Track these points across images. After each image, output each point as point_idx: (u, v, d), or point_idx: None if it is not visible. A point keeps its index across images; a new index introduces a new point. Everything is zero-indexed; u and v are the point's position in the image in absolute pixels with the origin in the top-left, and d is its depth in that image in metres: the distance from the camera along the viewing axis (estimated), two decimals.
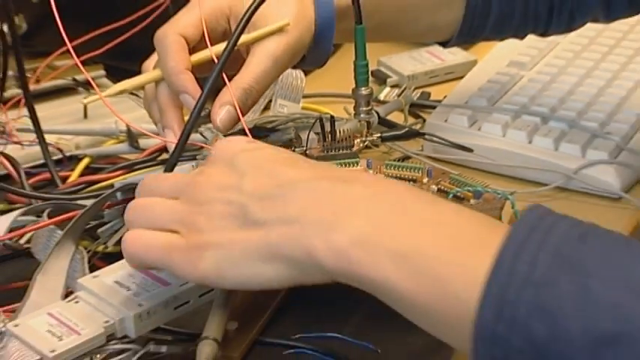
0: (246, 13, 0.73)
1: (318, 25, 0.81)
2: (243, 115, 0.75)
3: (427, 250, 0.50)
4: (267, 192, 0.55)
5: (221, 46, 0.74)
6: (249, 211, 0.55)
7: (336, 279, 0.53)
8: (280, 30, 0.76)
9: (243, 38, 0.73)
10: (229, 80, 0.75)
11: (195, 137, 0.80)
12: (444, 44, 0.98)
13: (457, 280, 0.48)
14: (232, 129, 0.79)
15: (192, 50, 0.76)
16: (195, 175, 0.62)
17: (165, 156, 0.88)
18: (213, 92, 0.74)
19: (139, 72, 0.81)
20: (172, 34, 0.76)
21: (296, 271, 0.53)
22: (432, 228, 0.52)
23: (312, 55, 0.83)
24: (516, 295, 0.43)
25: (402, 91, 1.03)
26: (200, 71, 0.75)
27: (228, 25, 0.78)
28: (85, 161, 0.86)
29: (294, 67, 0.85)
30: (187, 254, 0.56)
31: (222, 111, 0.73)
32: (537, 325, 0.43)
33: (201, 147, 0.81)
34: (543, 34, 0.98)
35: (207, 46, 0.77)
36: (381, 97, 1.02)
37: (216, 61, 0.74)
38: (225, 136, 0.78)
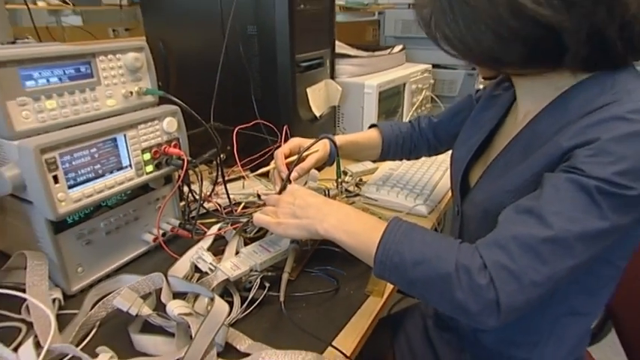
0: (306, 148, 0.76)
1: (330, 151, 0.80)
2: (297, 178, 0.76)
3: (356, 230, 0.53)
4: (302, 206, 0.58)
5: (296, 157, 0.76)
6: (295, 213, 0.58)
7: (325, 238, 0.56)
8: (317, 151, 0.78)
9: (304, 154, 0.76)
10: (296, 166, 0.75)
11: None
12: (373, 161, 0.96)
13: (368, 242, 0.51)
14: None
15: (286, 157, 0.77)
16: (281, 196, 0.63)
17: None
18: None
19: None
20: (280, 152, 0.76)
21: (309, 234, 0.56)
22: (359, 222, 0.55)
23: (327, 162, 0.81)
24: (389, 248, 0.49)
25: (353, 178, 1.03)
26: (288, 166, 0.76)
27: (300, 149, 0.77)
28: (243, 204, 0.87)
29: (318, 168, 0.83)
30: (274, 225, 0.59)
31: (294, 174, 0.74)
32: (395, 257, 0.48)
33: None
34: (408, 159, 0.95)
35: (292, 156, 0.78)
36: (346, 180, 1.01)
37: (281, 167, 0.76)
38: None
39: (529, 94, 0.58)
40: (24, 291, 0.54)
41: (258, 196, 0.89)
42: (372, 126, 0.93)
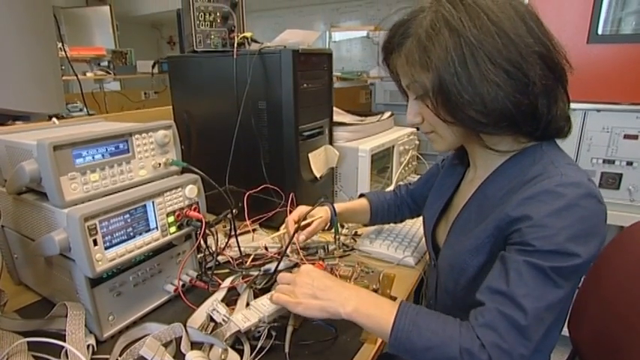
0: (309, 211, 0.80)
1: (331, 216, 0.84)
2: (305, 240, 0.80)
3: (374, 314, 0.54)
4: (321, 288, 0.58)
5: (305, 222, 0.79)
6: (315, 294, 0.57)
7: (346, 319, 0.55)
8: (319, 217, 0.81)
9: (309, 220, 0.79)
10: (303, 230, 0.79)
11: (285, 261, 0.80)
12: (364, 225, 0.96)
13: (382, 323, 0.53)
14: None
15: (295, 223, 0.79)
16: (296, 276, 0.61)
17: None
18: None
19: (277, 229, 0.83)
20: (291, 218, 0.79)
21: (329, 315, 0.56)
22: (374, 304, 0.55)
23: (327, 225, 0.84)
24: (400, 335, 0.51)
25: (350, 231, 1.01)
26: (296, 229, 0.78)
27: (306, 216, 0.80)
28: (252, 256, 0.86)
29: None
30: (292, 304, 0.58)
31: (301, 237, 0.77)
32: (407, 344, 0.50)
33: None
34: (395, 222, 0.96)
35: (300, 221, 0.80)
36: (344, 233, 0.99)
37: (291, 232, 0.79)
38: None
39: (480, 161, 0.65)
40: (64, 337, 0.56)
41: (266, 248, 0.91)
42: (361, 195, 0.95)
